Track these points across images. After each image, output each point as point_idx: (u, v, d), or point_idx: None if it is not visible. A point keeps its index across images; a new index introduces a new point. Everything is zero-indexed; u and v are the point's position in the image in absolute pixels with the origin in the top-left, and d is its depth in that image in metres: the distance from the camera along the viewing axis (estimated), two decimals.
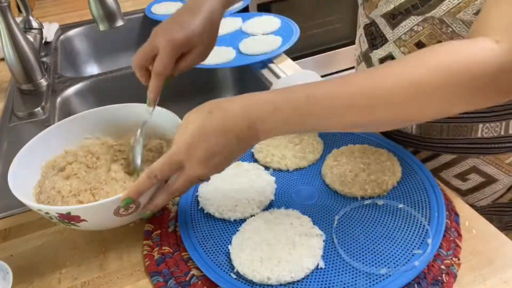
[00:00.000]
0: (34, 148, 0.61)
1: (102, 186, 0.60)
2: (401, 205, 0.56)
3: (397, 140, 0.71)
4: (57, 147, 0.65)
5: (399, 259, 0.50)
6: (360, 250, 0.51)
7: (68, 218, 0.51)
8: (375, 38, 0.67)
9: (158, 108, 0.67)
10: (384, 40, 0.65)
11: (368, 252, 0.51)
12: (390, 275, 0.48)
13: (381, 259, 0.50)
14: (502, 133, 0.63)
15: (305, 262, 0.49)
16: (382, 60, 0.67)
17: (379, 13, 0.64)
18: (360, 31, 0.72)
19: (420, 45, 0.60)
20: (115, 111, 0.69)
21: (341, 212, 0.57)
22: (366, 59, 0.71)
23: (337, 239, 0.53)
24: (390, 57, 0.65)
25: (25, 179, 0.59)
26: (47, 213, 0.51)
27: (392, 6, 0.61)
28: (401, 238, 0.52)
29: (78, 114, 0.67)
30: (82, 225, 0.53)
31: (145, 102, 0.64)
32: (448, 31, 0.57)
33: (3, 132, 0.87)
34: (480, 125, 0.63)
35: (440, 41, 0.58)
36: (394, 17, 0.62)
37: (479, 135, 0.64)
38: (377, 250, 0.51)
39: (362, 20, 0.70)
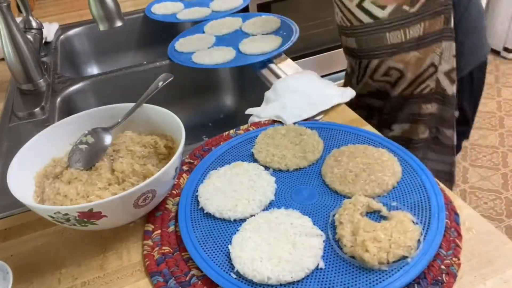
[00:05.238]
0: (24, 159, 0.60)
1: (107, 186, 0.60)
2: (394, 203, 0.57)
3: (350, 54, 1.04)
4: (45, 157, 0.64)
5: None
6: None
7: (88, 216, 0.51)
8: None
9: (157, 108, 0.67)
10: None
11: None
12: (388, 274, 0.48)
13: None
14: (404, 39, 0.92)
15: (305, 262, 0.49)
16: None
17: None
18: None
19: None
20: (99, 114, 0.68)
21: (336, 209, 0.57)
22: (332, 3, 0.99)
23: (331, 235, 0.53)
24: None
25: (24, 190, 0.58)
26: (65, 214, 0.51)
27: None
28: None
29: (62, 120, 0.67)
30: (100, 223, 0.53)
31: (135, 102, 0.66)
32: None
33: (3, 132, 0.87)
34: (387, 34, 0.92)
35: None
36: None
37: (389, 41, 0.93)
38: None
39: None
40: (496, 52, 2.68)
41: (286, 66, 0.98)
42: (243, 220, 0.57)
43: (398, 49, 0.94)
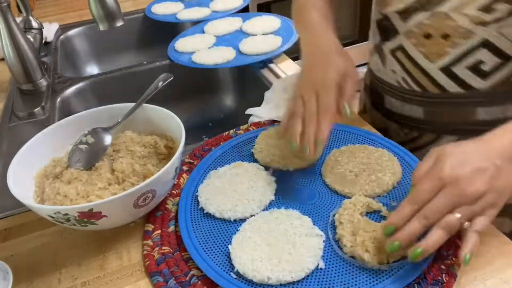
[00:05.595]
0: (24, 159, 0.60)
1: (107, 186, 0.60)
2: (394, 203, 0.57)
3: (402, 123, 0.78)
4: (45, 157, 0.64)
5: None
6: None
7: (88, 216, 0.51)
8: (387, 31, 0.72)
9: (157, 108, 0.67)
10: (395, 33, 0.70)
11: None
12: (388, 274, 0.48)
13: None
14: (500, 116, 0.67)
15: (305, 262, 0.49)
16: (393, 51, 0.72)
17: (391, 9, 0.69)
18: (372, 25, 0.77)
19: (428, 36, 0.66)
20: (99, 114, 0.68)
21: (336, 209, 0.57)
22: (378, 51, 0.77)
23: (331, 235, 0.53)
24: (401, 48, 0.70)
25: (24, 190, 0.58)
26: (65, 214, 0.50)
27: (402, 6, 0.67)
28: None
29: (62, 121, 0.67)
30: (100, 223, 0.53)
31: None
32: (452, 24, 0.62)
33: (3, 132, 0.87)
34: (479, 109, 0.68)
35: (446, 33, 0.63)
36: (405, 12, 0.67)
37: (480, 117, 0.68)
38: None
39: (374, 16, 0.76)
40: None
41: (286, 66, 0.98)
42: (243, 220, 0.57)
43: (491, 128, 0.68)
